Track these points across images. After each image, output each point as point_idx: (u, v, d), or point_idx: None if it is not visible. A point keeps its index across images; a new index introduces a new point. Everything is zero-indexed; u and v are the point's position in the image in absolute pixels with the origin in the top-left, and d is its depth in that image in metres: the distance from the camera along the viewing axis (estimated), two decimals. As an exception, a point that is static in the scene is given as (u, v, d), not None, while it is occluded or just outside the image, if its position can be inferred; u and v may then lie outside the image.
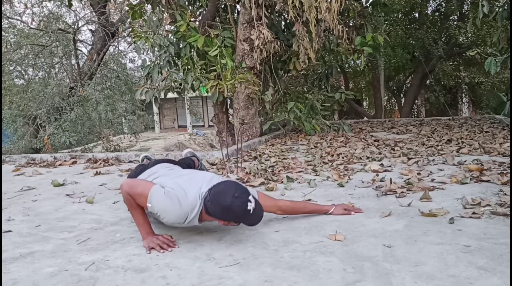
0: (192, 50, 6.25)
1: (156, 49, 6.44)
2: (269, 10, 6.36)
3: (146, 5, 6.51)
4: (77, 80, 10.38)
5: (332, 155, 4.72)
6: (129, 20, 9.79)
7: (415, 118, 12.25)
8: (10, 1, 11.01)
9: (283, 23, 7.14)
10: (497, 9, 5.86)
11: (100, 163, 4.95)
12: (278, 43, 5.97)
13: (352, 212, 2.58)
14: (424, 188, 3.03)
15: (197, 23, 6.61)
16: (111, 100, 10.70)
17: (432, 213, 2.50)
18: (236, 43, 6.28)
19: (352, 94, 8.33)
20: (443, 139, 5.51)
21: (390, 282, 1.70)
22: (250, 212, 2.04)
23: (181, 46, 6.27)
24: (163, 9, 6.39)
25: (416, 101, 15.73)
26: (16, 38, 10.28)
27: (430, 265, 1.83)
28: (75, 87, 10.06)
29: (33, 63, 10.37)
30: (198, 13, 7.49)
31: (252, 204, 2.05)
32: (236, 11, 7.05)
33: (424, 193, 2.85)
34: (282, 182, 3.56)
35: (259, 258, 2.00)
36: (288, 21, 6.76)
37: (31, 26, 10.59)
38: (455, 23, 12.80)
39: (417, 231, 2.24)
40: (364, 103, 18.99)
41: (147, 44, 6.33)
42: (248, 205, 2.03)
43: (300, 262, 1.93)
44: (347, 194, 3.11)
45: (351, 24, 6.79)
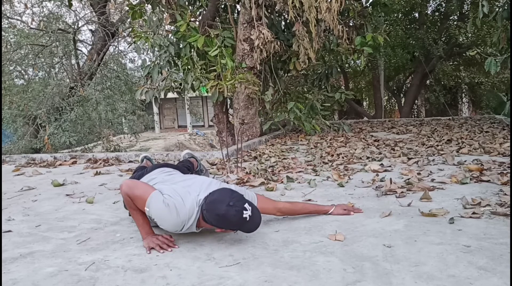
0: (192, 50, 6.25)
1: (156, 49, 6.43)
2: (269, 10, 6.36)
3: (146, 5, 6.51)
4: (77, 80, 10.38)
5: (332, 155, 4.72)
6: (129, 20, 9.80)
7: (415, 118, 12.24)
8: (10, 1, 11.01)
9: (283, 23, 7.14)
10: (497, 9, 5.86)
11: (100, 163, 4.96)
12: (278, 43, 5.97)
13: (352, 212, 2.59)
14: (424, 188, 3.03)
15: (197, 23, 6.61)
16: (111, 100, 10.70)
17: (432, 213, 2.50)
18: (236, 43, 6.28)
19: (352, 94, 8.33)
20: (443, 139, 5.51)
21: (390, 282, 1.70)
22: (247, 219, 2.02)
23: (181, 46, 6.27)
24: (163, 9, 6.39)
25: (416, 101, 15.73)
26: (16, 38, 10.29)
27: (430, 265, 1.83)
28: (75, 87, 10.06)
29: (33, 63, 10.37)
30: (198, 13, 7.49)
31: (249, 211, 2.03)
32: (236, 11, 7.05)
33: (424, 193, 2.85)
34: (282, 182, 3.56)
35: (259, 258, 2.00)
36: (288, 21, 6.76)
37: (31, 26, 10.59)
38: (455, 23, 12.80)
39: (417, 231, 2.24)
40: (364, 103, 18.99)
41: (147, 44, 6.33)
42: (244, 213, 2.01)
43: (300, 262, 1.93)
44: (347, 194, 3.11)
45: (351, 24, 6.79)
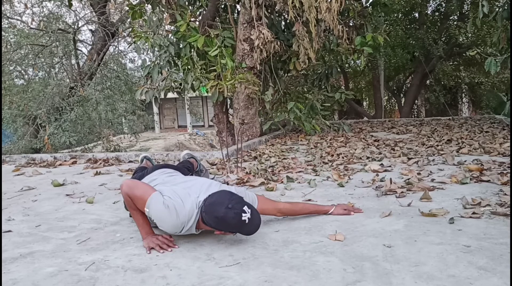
0: (192, 50, 6.26)
1: (156, 49, 6.43)
2: (269, 10, 6.36)
3: (146, 5, 6.51)
4: (77, 80, 10.38)
5: (332, 155, 4.72)
6: (129, 20, 9.80)
7: (415, 118, 12.24)
8: (10, 1, 11.01)
9: (283, 23, 7.14)
10: (497, 9, 5.86)
11: (100, 163, 4.96)
12: (278, 43, 5.97)
13: (352, 212, 2.59)
14: (424, 188, 3.03)
15: (197, 23, 6.61)
16: (111, 100, 10.70)
17: (432, 213, 2.50)
18: (236, 43, 6.28)
19: (352, 94, 8.33)
20: (443, 139, 5.51)
21: (390, 282, 1.70)
22: (246, 222, 2.02)
23: (181, 46, 6.27)
24: (163, 9, 6.39)
25: (416, 101, 15.73)
26: (16, 38, 10.29)
27: (430, 265, 1.83)
28: (75, 87, 10.06)
29: (33, 63, 10.37)
30: (198, 13, 7.49)
31: (248, 214, 2.02)
32: (236, 11, 7.05)
33: (424, 193, 2.85)
34: (282, 182, 3.56)
35: (259, 258, 2.00)
36: (288, 21, 6.76)
37: (31, 26, 10.59)
38: (455, 23, 12.80)
39: (417, 231, 2.24)
40: (364, 103, 18.99)
41: (147, 44, 6.33)
42: (243, 215, 2.01)
43: (300, 262, 1.93)
44: (347, 194, 3.11)
45: (351, 24, 6.79)
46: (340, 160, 4.42)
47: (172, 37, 6.37)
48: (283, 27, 7.06)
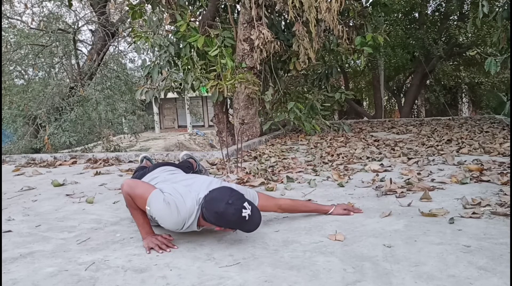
0: (192, 50, 6.25)
1: (156, 49, 6.43)
2: (269, 10, 6.36)
3: (146, 5, 6.51)
4: (77, 80, 10.38)
5: (332, 155, 4.72)
6: (129, 20, 9.80)
7: (415, 118, 12.24)
8: (10, 1, 11.01)
9: (283, 23, 7.14)
10: (497, 9, 5.86)
11: (100, 163, 4.96)
12: (278, 43, 5.97)
13: (352, 212, 2.58)
14: (424, 188, 3.03)
15: (197, 23, 6.61)
16: (111, 100, 10.70)
17: (432, 213, 2.50)
18: (236, 43, 6.28)
19: (352, 94, 8.33)
20: (443, 139, 5.51)
21: (390, 282, 1.70)
22: (246, 218, 2.01)
23: (181, 46, 6.27)
24: (163, 9, 6.39)
25: (416, 101, 15.73)
26: (16, 38, 10.29)
27: (430, 265, 1.83)
28: (75, 87, 10.06)
29: (33, 63, 10.38)
30: (198, 13, 7.49)
31: (248, 210, 2.02)
32: (236, 11, 7.05)
33: (424, 193, 2.85)
34: (282, 182, 3.57)
35: (259, 258, 2.00)
36: (288, 21, 6.76)
37: (31, 26, 10.60)
38: (455, 23, 12.80)
39: (417, 231, 2.24)
40: (364, 103, 18.99)
41: (147, 44, 6.33)
42: (243, 212, 2.00)
43: (300, 262, 1.93)
44: (347, 194, 3.11)
45: (351, 24, 6.79)
46: (340, 160, 4.42)
47: (172, 37, 6.37)
48: (283, 27, 7.06)
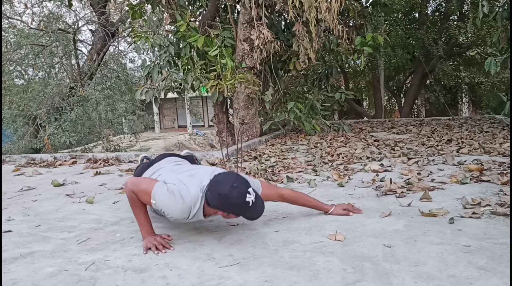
0: (192, 50, 6.25)
1: (156, 49, 6.43)
2: (269, 10, 6.36)
3: (146, 5, 6.51)
4: (77, 80, 10.38)
5: (332, 155, 4.72)
6: (129, 20, 9.80)
7: (415, 118, 12.24)
8: (10, 1, 11.02)
9: (283, 23, 7.14)
10: (497, 9, 5.86)
11: (100, 163, 4.96)
12: (278, 43, 5.97)
13: (351, 212, 2.58)
14: (424, 188, 3.03)
15: (197, 23, 6.61)
16: (111, 100, 10.70)
17: (432, 213, 2.50)
18: (236, 43, 6.28)
19: (352, 94, 8.33)
20: (443, 139, 5.51)
21: (390, 282, 1.70)
22: (249, 204, 2.02)
23: (181, 46, 6.27)
24: (163, 9, 6.39)
25: (416, 101, 15.73)
26: (16, 38, 10.29)
27: (430, 265, 1.83)
28: (75, 87, 10.06)
29: (33, 63, 10.38)
30: (198, 13, 7.49)
31: (252, 196, 2.03)
32: (236, 11, 7.05)
33: (424, 193, 2.85)
34: (282, 182, 3.57)
35: (259, 258, 2.00)
36: (288, 21, 6.76)
37: (31, 26, 10.60)
38: (455, 23, 12.80)
39: (417, 231, 2.24)
40: (364, 103, 18.99)
41: (147, 44, 6.33)
42: (247, 196, 2.01)
43: (300, 262, 1.93)
44: (347, 194, 3.11)
45: (351, 24, 6.78)
46: (340, 160, 4.42)
47: (172, 37, 6.37)
48: (283, 27, 7.06)
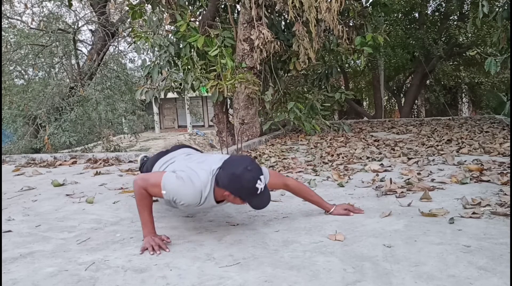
0: (192, 50, 6.25)
1: (156, 49, 6.43)
2: (269, 10, 6.36)
3: (146, 5, 6.51)
4: (77, 80, 10.38)
5: (332, 155, 4.72)
6: (129, 20, 9.80)
7: (415, 118, 12.24)
8: (10, 1, 11.01)
9: (283, 23, 7.13)
10: (497, 9, 5.86)
11: (100, 163, 4.96)
12: (278, 43, 5.97)
13: (352, 213, 2.58)
14: (424, 188, 3.03)
15: (197, 23, 6.61)
16: (111, 100, 10.70)
17: (432, 213, 2.50)
18: (236, 43, 6.28)
19: (352, 94, 8.32)
20: (443, 139, 5.50)
21: (390, 282, 1.70)
22: (258, 191, 2.04)
23: (181, 46, 6.27)
24: (163, 9, 6.39)
25: (416, 101, 15.72)
26: (16, 38, 10.29)
27: (430, 265, 1.83)
28: (75, 87, 10.06)
29: (33, 63, 10.37)
30: (198, 13, 7.49)
31: (262, 184, 2.06)
32: (236, 11, 7.05)
33: (424, 193, 2.85)
34: (282, 182, 3.56)
35: (259, 258, 2.00)
36: (288, 21, 6.76)
37: (31, 26, 10.60)
38: (455, 23, 12.79)
39: (417, 231, 2.24)
40: (364, 103, 18.98)
41: (147, 44, 6.32)
42: (258, 183, 2.03)
43: (300, 262, 1.93)
44: (347, 194, 3.11)
45: (351, 24, 6.78)
46: (340, 160, 4.42)
47: (172, 37, 6.37)
48: (283, 27, 7.06)
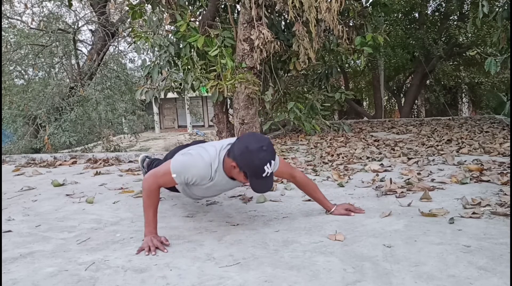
0: (192, 50, 6.25)
1: (156, 49, 6.43)
2: (269, 10, 6.36)
3: (146, 5, 6.50)
4: (77, 80, 10.37)
5: (332, 155, 4.72)
6: (129, 20, 9.80)
7: (415, 118, 12.23)
8: (10, 1, 11.01)
9: (283, 23, 7.13)
10: (497, 9, 5.85)
11: (100, 163, 4.96)
12: (278, 43, 5.96)
13: (353, 213, 2.58)
14: (424, 188, 3.03)
15: (197, 23, 6.60)
16: (111, 100, 10.69)
17: (432, 213, 2.50)
18: (236, 43, 6.28)
19: (352, 94, 8.32)
20: (443, 139, 5.51)
21: (390, 282, 1.70)
22: (264, 173, 2.05)
23: (181, 46, 6.27)
24: (163, 9, 6.39)
25: (416, 101, 15.72)
26: (16, 38, 10.29)
27: (430, 265, 1.83)
28: (75, 87, 10.05)
29: (33, 63, 10.37)
30: (198, 13, 7.48)
31: (270, 169, 2.06)
32: (236, 11, 7.04)
33: (424, 193, 2.85)
34: (282, 182, 3.56)
35: (259, 258, 2.00)
36: (288, 21, 6.75)
37: (31, 26, 10.59)
38: (455, 23, 12.79)
39: (417, 231, 2.24)
40: (364, 103, 18.98)
41: (147, 44, 6.32)
42: (267, 166, 2.04)
43: (300, 262, 1.93)
44: (347, 194, 3.11)
45: (351, 24, 6.78)
46: (340, 160, 4.42)
47: (172, 37, 6.36)
48: (283, 27, 7.05)
